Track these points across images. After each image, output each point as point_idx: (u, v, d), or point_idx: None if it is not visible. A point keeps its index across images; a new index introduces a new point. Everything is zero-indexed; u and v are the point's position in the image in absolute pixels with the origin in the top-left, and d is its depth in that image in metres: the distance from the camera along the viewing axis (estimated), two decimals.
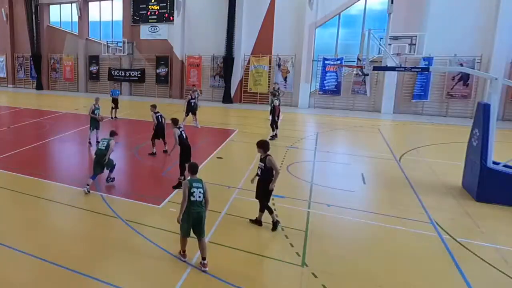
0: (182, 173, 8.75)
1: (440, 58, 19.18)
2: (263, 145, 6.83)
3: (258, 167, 6.91)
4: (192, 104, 16.14)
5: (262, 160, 6.84)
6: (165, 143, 11.96)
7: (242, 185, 9.12)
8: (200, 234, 5.61)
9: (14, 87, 33.89)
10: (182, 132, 8.85)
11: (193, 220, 5.53)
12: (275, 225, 6.84)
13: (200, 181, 5.65)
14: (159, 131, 11.77)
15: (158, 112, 12.03)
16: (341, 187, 9.06)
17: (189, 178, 5.74)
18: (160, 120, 11.83)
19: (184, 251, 5.84)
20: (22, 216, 7.55)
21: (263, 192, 6.86)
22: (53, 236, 6.80)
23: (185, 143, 8.78)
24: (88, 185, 8.50)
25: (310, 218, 7.39)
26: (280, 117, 15.04)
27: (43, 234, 6.82)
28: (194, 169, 5.83)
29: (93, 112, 12.69)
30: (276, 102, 14.43)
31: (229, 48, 23.93)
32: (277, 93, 15.75)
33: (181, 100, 25.24)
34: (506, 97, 18.50)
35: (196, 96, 16.55)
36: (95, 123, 12.74)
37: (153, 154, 11.74)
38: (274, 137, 13.84)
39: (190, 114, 16.25)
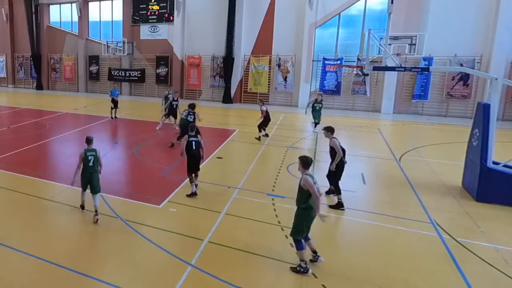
0: None
1: (440, 58, 19.19)
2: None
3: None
4: (175, 106, 15.65)
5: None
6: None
7: (242, 185, 9.12)
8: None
9: (14, 87, 33.92)
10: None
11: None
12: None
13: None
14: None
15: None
16: (341, 187, 9.04)
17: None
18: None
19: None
20: (22, 216, 7.55)
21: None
22: (53, 236, 6.80)
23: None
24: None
25: None
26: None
27: (43, 234, 6.81)
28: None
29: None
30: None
31: (229, 48, 23.94)
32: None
33: (181, 100, 25.23)
34: (506, 97, 18.52)
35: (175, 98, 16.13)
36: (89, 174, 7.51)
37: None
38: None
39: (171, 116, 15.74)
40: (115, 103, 18.07)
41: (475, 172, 8.39)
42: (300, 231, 5.46)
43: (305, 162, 5.58)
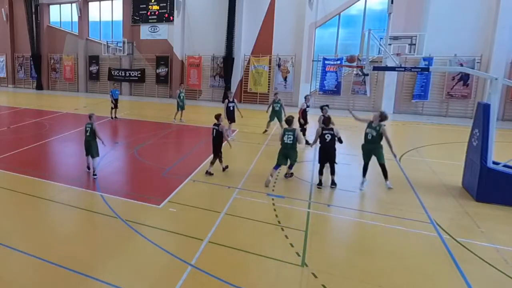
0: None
1: (440, 58, 19.19)
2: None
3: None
4: (231, 108, 14.15)
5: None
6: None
7: (242, 185, 9.12)
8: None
9: (14, 87, 33.91)
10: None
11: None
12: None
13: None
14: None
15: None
16: (341, 187, 9.06)
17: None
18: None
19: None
20: (22, 216, 7.55)
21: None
22: (53, 236, 6.80)
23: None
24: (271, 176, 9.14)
25: (310, 218, 7.39)
26: None
27: (43, 234, 6.81)
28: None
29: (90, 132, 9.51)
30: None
31: (229, 48, 23.94)
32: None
33: None
34: (506, 97, 18.52)
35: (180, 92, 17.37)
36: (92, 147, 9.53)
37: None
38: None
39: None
40: (115, 103, 18.09)
41: (475, 172, 8.39)
42: (277, 158, 9.13)
43: (286, 120, 9.36)
